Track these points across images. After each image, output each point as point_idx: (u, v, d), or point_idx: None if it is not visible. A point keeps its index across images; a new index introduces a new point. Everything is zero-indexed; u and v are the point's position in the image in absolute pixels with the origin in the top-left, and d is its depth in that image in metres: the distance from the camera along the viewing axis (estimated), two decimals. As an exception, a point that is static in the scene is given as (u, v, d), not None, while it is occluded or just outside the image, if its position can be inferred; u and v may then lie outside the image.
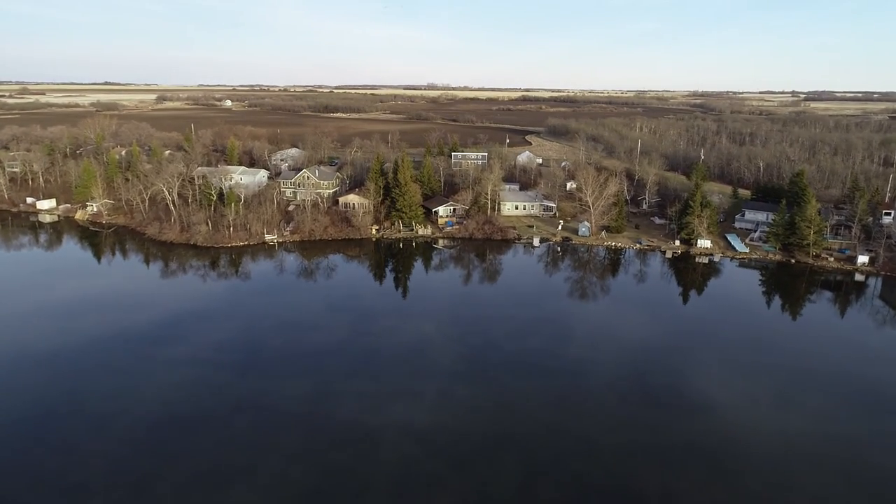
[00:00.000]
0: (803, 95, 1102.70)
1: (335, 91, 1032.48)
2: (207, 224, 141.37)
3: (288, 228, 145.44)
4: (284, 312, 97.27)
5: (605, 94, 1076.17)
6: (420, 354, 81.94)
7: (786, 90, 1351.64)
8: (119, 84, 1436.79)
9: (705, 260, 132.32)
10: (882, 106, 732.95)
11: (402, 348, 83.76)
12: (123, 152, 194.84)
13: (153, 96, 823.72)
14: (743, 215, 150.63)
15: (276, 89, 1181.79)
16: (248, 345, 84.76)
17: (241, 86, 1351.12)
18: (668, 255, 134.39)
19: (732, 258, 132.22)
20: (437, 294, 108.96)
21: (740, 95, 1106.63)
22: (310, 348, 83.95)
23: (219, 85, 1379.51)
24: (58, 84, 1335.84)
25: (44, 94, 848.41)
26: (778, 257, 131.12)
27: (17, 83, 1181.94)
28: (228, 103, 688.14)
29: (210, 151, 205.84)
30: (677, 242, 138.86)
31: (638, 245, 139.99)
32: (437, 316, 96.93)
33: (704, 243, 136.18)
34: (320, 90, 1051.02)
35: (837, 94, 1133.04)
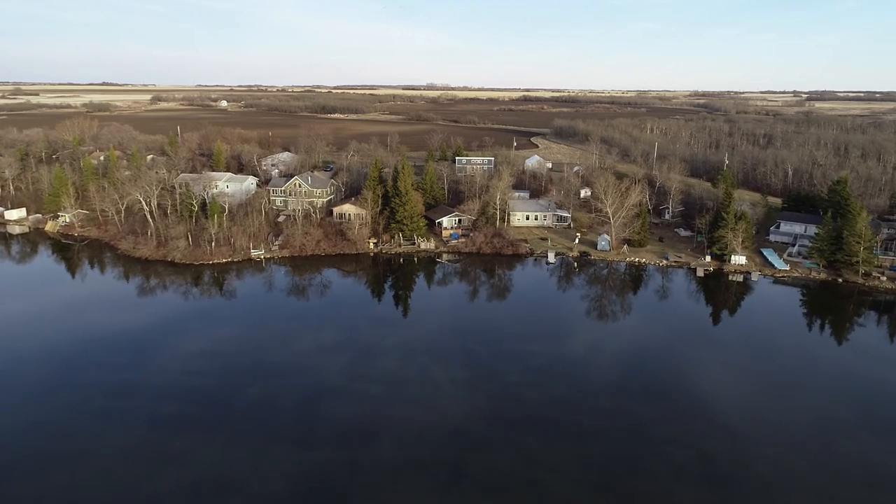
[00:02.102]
0: (805, 95, 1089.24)
1: (333, 91, 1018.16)
2: (187, 238, 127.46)
3: (276, 243, 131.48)
4: (266, 350, 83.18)
5: (606, 95, 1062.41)
6: (427, 410, 67.96)
7: (787, 90, 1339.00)
8: (116, 84, 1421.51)
9: (739, 278, 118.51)
10: (889, 105, 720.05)
11: (404, 401, 69.75)
12: (102, 157, 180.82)
13: (148, 97, 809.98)
14: (778, 227, 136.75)
15: (275, 89, 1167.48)
16: (219, 396, 70.71)
17: (240, 86, 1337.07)
18: (700, 272, 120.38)
19: (771, 276, 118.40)
20: (444, 323, 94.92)
21: (742, 95, 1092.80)
22: (293, 400, 69.96)
23: (217, 85, 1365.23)
24: (54, 84, 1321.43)
25: (37, 94, 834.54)
26: (822, 276, 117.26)
27: (14, 83, 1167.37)
28: (224, 104, 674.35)
29: (195, 156, 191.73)
30: (708, 258, 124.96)
31: (664, 261, 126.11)
32: (446, 353, 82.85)
33: (739, 260, 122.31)
34: (318, 90, 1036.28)
35: (839, 94, 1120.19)
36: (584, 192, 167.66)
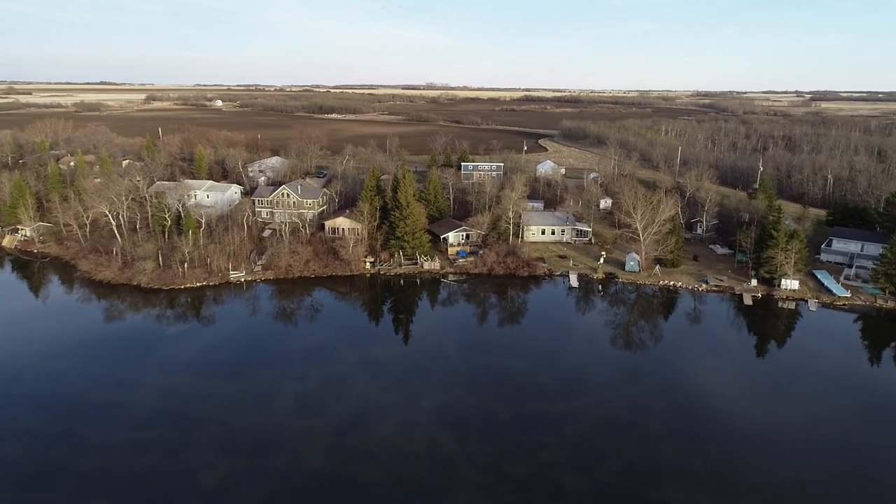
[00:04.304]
0: (808, 95, 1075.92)
1: (332, 91, 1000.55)
2: (157, 259, 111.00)
3: (259, 263, 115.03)
4: (234, 412, 66.74)
5: (608, 95, 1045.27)
6: (437, 510, 51.65)
7: (788, 90, 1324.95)
8: (114, 84, 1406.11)
9: (792, 305, 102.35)
10: (894, 106, 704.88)
11: (409, 498, 53.29)
12: (72, 163, 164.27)
13: (143, 96, 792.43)
14: (829, 245, 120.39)
15: (272, 89, 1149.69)
16: (168, 484, 54.33)
17: (238, 86, 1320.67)
18: (747, 300, 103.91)
19: (829, 304, 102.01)
20: (455, 371, 78.15)
21: (745, 95, 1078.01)
22: (263, 493, 53.54)
23: (215, 85, 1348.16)
24: (51, 84, 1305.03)
25: (30, 93, 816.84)
26: (890, 304, 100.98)
27: (11, 82, 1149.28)
28: (219, 103, 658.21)
29: (176, 161, 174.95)
30: (754, 282, 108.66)
31: (704, 285, 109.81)
32: (459, 417, 66.47)
33: (791, 284, 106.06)
34: (317, 90, 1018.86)
35: (842, 95, 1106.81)
36: (604, 203, 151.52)
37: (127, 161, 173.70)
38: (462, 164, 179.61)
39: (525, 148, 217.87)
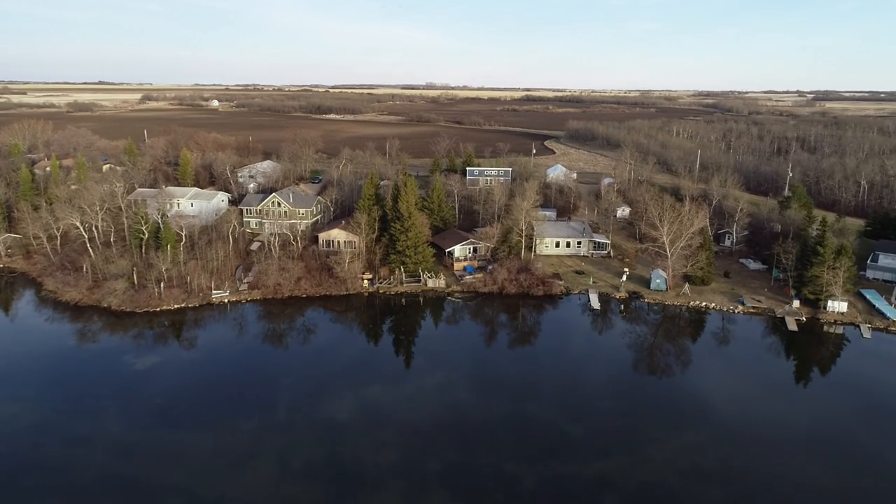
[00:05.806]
0: (810, 95, 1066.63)
1: (330, 91, 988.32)
2: (131, 277, 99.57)
3: (246, 280, 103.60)
4: (203, 475, 55.40)
5: (610, 94, 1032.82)
6: None
7: (790, 90, 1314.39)
8: (112, 84, 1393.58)
9: (839, 330, 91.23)
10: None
11: None
12: (47, 168, 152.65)
13: (139, 96, 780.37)
14: (875, 260, 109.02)
15: (271, 89, 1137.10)
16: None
17: (237, 85, 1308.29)
18: (791, 324, 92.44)
19: (886, 330, 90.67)
20: (466, 417, 66.80)
21: (747, 95, 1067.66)
22: None
23: (214, 85, 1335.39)
24: (48, 83, 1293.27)
25: (25, 93, 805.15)
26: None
27: (9, 82, 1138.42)
28: (215, 103, 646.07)
29: (160, 165, 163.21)
30: (796, 304, 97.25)
31: (741, 306, 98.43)
32: (473, 482, 55.16)
33: (838, 306, 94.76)
34: (315, 90, 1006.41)
35: (844, 94, 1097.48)
36: (621, 211, 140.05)
37: (108, 165, 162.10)
38: (467, 168, 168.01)
39: (534, 152, 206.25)
